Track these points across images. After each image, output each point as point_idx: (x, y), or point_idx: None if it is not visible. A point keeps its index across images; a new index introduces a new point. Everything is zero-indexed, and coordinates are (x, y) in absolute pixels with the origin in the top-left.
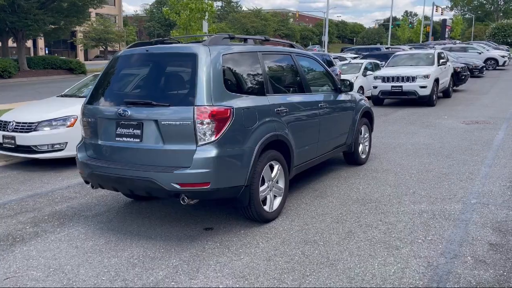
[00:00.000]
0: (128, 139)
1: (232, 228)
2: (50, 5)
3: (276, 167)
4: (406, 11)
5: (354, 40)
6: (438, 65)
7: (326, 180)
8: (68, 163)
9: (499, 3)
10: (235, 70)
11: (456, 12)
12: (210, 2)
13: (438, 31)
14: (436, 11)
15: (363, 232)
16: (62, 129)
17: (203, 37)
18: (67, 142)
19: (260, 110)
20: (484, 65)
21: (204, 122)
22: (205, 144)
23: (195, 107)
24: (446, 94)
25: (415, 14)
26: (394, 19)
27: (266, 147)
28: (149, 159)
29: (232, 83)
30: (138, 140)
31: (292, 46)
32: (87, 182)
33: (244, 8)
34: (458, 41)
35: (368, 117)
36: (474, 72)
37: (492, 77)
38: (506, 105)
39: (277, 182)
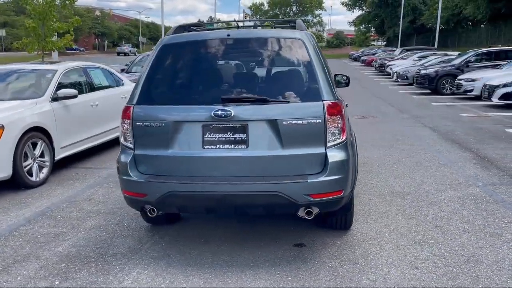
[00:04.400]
0: (226, 146)
1: (323, 241)
2: None
3: None
4: (210, 17)
5: None
6: None
7: None
8: None
9: (290, 14)
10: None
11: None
12: None
13: None
14: (245, 17)
15: (447, 225)
16: None
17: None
18: None
19: None
20: None
21: (334, 120)
22: (334, 145)
23: (324, 102)
24: None
25: (219, 20)
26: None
27: None
28: (262, 169)
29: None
30: (244, 146)
31: None
32: (143, 209)
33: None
34: None
35: None
36: None
37: None
38: (361, 103)
39: None
